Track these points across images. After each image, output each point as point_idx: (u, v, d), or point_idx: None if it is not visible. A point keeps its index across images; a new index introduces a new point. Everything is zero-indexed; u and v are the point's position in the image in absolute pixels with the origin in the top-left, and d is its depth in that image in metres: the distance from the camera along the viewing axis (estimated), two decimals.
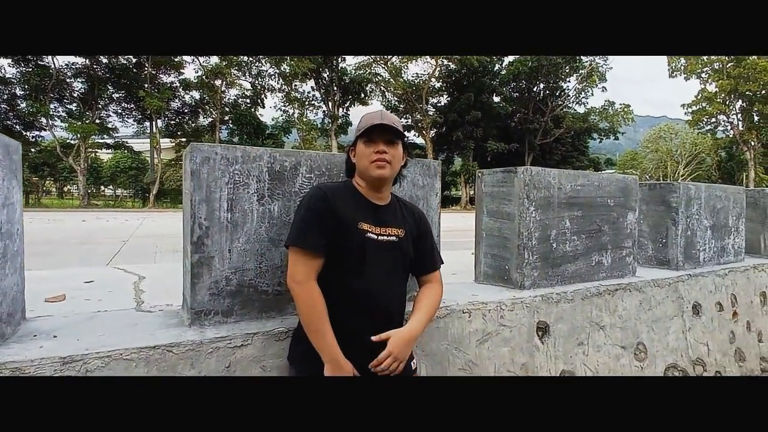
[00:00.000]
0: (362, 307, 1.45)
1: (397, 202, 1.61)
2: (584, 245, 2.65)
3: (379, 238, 1.48)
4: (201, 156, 1.66)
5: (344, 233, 1.43)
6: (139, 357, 1.47)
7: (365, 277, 1.45)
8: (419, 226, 1.62)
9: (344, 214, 1.44)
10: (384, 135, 1.47)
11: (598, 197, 2.71)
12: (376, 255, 1.47)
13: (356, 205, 1.49)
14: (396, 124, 1.49)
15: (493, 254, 2.53)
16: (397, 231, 1.53)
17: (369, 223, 1.47)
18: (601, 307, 2.64)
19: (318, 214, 1.42)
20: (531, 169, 2.38)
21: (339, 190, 1.50)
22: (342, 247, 1.43)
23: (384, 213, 1.53)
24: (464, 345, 2.06)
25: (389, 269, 1.50)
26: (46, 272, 3.13)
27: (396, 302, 1.54)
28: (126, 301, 2.25)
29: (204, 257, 1.66)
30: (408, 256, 1.56)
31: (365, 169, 1.48)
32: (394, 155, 1.49)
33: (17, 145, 1.72)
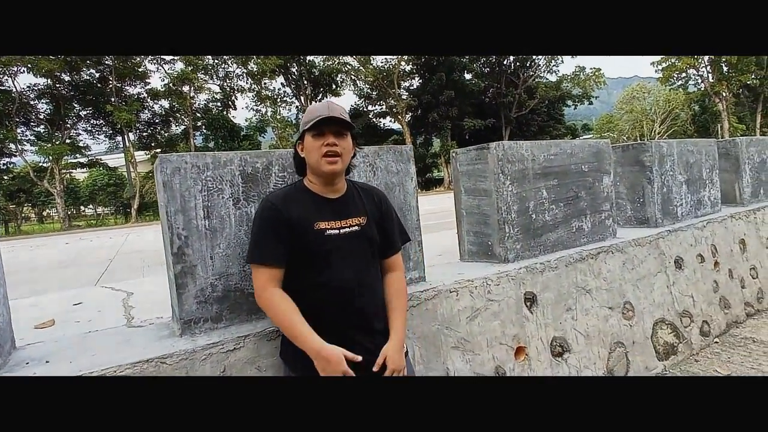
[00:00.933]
0: (340, 302, 1.47)
1: (354, 189, 1.61)
2: (563, 213, 2.71)
3: (342, 231, 1.49)
4: (171, 167, 1.65)
5: (302, 237, 1.45)
6: (133, 372, 1.48)
7: (336, 273, 1.47)
8: (380, 207, 1.62)
9: (298, 219, 1.45)
10: (333, 127, 1.46)
11: (572, 164, 2.76)
12: (342, 249, 1.48)
13: (310, 205, 1.49)
14: (344, 115, 1.48)
15: (475, 231, 2.57)
16: (358, 219, 1.53)
17: (327, 220, 1.48)
18: (586, 272, 2.70)
19: (270, 225, 1.45)
20: (503, 144, 2.42)
21: (289, 196, 1.51)
22: (304, 250, 1.45)
23: (341, 205, 1.53)
24: (455, 323, 2.11)
25: (358, 259, 1.51)
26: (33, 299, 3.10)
27: (371, 290, 1.55)
28: (116, 318, 2.25)
29: (186, 267, 1.66)
30: (374, 241, 1.56)
31: (316, 164, 1.47)
32: (345, 147, 1.49)
33: None
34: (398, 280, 1.64)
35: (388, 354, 1.51)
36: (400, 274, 1.66)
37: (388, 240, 1.63)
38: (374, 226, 1.57)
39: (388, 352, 1.51)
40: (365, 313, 1.51)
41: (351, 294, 1.48)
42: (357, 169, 1.99)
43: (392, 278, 1.64)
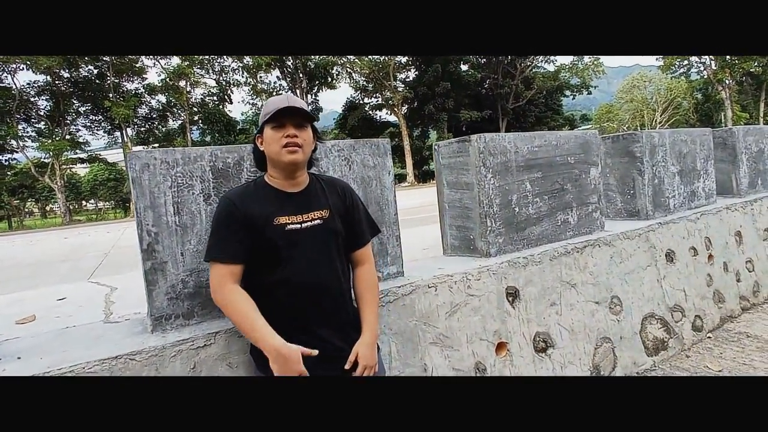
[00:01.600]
0: (304, 298, 1.45)
1: (317, 182, 1.58)
2: (548, 206, 2.68)
3: (303, 226, 1.47)
4: (140, 163, 1.63)
5: (261, 233, 1.43)
6: (102, 368, 1.48)
7: (297, 268, 1.45)
8: (344, 200, 1.60)
9: (256, 215, 1.44)
10: (293, 118, 1.44)
11: (558, 156, 2.73)
12: (304, 243, 1.46)
13: (270, 200, 1.48)
14: (304, 106, 1.47)
15: (458, 225, 2.55)
16: (321, 213, 1.51)
17: (287, 215, 1.46)
18: (571, 266, 2.68)
19: (227, 223, 1.44)
20: (485, 136, 2.39)
21: (248, 192, 1.49)
22: (264, 247, 1.43)
23: (303, 199, 1.51)
24: (433, 319, 2.09)
25: (321, 253, 1.49)
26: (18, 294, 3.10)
27: (336, 284, 1.53)
28: (96, 314, 2.24)
29: (157, 263, 1.65)
30: (339, 234, 1.54)
31: (276, 156, 1.45)
32: (305, 139, 1.46)
33: None
34: (368, 274, 1.62)
35: (360, 351, 1.50)
36: (369, 267, 1.64)
37: (355, 233, 1.60)
38: (338, 219, 1.54)
39: (359, 348, 1.51)
40: (331, 309, 1.49)
41: (315, 289, 1.46)
42: (332, 164, 1.97)
43: (361, 272, 1.62)
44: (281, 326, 1.44)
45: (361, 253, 1.63)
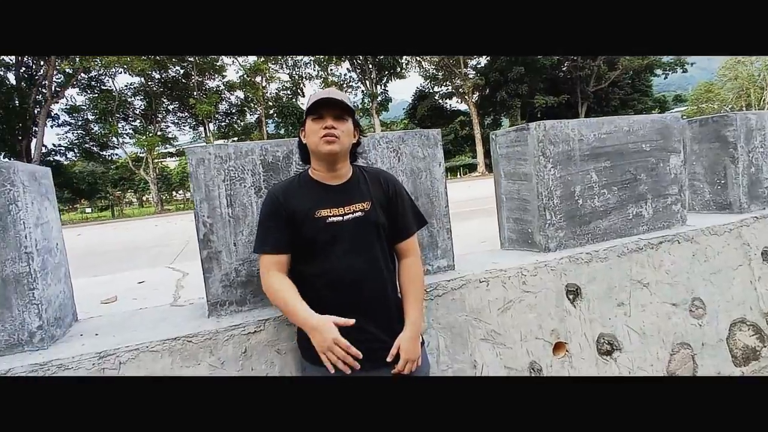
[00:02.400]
0: (344, 290, 1.46)
1: (360, 174, 1.58)
2: (617, 198, 2.48)
3: (345, 218, 1.48)
4: (196, 158, 1.73)
5: (302, 226, 1.46)
6: (163, 348, 1.60)
7: (339, 260, 1.46)
8: (387, 191, 1.57)
9: (298, 209, 1.47)
10: (332, 110, 1.45)
11: (630, 143, 2.51)
12: (345, 236, 1.47)
13: (311, 194, 1.50)
14: (344, 99, 1.47)
15: (515, 218, 2.44)
16: (362, 205, 1.51)
17: (329, 208, 1.48)
18: (643, 263, 2.46)
19: (271, 217, 1.49)
20: (545, 124, 2.25)
21: (292, 186, 1.53)
22: (305, 239, 1.46)
23: (344, 192, 1.52)
24: (485, 315, 2.02)
25: (362, 245, 1.49)
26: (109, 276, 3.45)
27: (378, 276, 1.52)
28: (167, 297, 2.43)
29: (212, 252, 1.74)
30: (380, 225, 1.53)
31: (315, 147, 1.46)
32: (344, 130, 1.46)
33: (45, 171, 1.89)
34: (412, 266, 1.60)
35: (402, 344, 1.49)
36: (414, 260, 1.61)
37: (399, 224, 1.58)
38: (380, 211, 1.53)
39: (401, 341, 1.50)
40: (371, 301, 1.49)
41: (355, 282, 1.47)
42: (380, 155, 1.96)
43: (406, 264, 1.60)
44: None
45: (406, 245, 1.61)
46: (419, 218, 1.66)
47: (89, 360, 1.53)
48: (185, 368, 1.61)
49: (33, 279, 1.58)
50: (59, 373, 1.50)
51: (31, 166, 1.76)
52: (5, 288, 1.56)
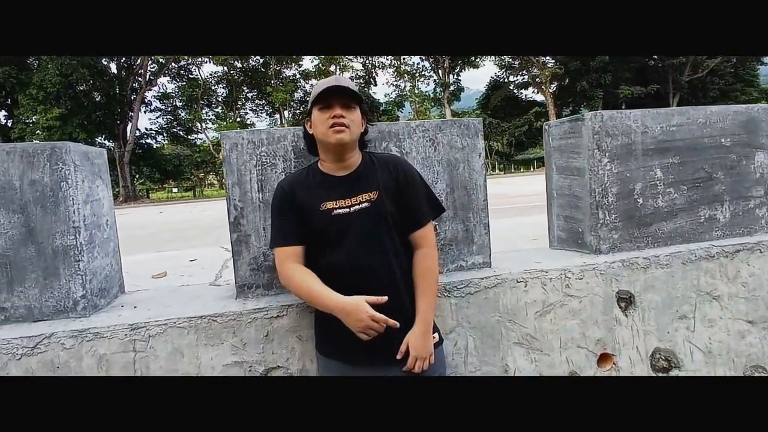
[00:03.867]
0: (349, 283, 1.41)
1: (371, 161, 1.51)
2: (686, 198, 2.20)
3: (352, 210, 1.42)
4: (230, 143, 1.76)
5: (309, 218, 1.43)
6: (189, 325, 1.65)
7: (344, 253, 1.42)
8: (396, 178, 1.48)
9: (305, 201, 1.44)
10: (339, 99, 1.39)
11: (706, 137, 2.21)
12: (352, 227, 1.42)
13: (319, 186, 1.46)
14: (352, 86, 1.40)
15: (565, 216, 2.25)
16: (368, 195, 1.44)
17: (335, 199, 1.43)
18: (714, 273, 2.18)
19: (279, 211, 1.48)
20: (602, 114, 2.04)
21: (300, 178, 1.51)
22: (313, 231, 1.44)
23: (351, 182, 1.46)
24: (520, 317, 1.89)
25: (370, 237, 1.43)
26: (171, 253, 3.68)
27: (386, 269, 1.45)
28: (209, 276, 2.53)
29: (241, 236, 1.77)
30: (388, 215, 1.45)
31: (323, 137, 1.41)
32: (353, 119, 1.40)
33: (99, 152, 2.02)
34: (425, 258, 1.50)
35: (411, 341, 1.42)
36: (427, 251, 1.50)
37: (410, 213, 1.49)
38: (389, 200, 1.45)
39: (410, 338, 1.43)
40: (379, 288, 1.41)
41: (363, 273, 1.41)
42: (415, 144, 1.88)
43: (418, 256, 1.50)
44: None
45: (419, 235, 1.51)
46: (435, 206, 1.57)
47: (122, 330, 1.62)
48: (209, 346, 1.66)
49: (79, 251, 1.70)
50: (95, 341, 1.61)
51: (85, 147, 1.88)
52: (55, 258, 1.69)
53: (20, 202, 1.69)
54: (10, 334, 1.60)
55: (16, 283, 1.69)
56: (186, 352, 1.65)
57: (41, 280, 1.71)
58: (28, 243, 1.70)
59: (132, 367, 1.64)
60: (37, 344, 1.59)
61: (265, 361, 1.69)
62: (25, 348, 1.58)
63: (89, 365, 1.61)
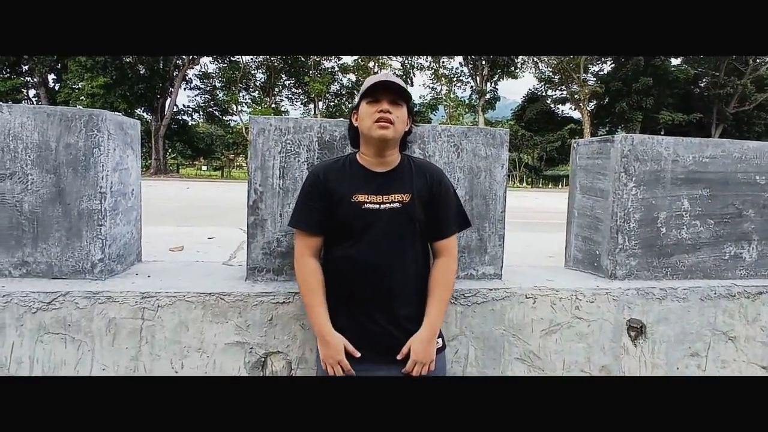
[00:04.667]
0: (366, 277, 1.42)
1: (408, 163, 1.51)
2: (712, 233, 2.14)
3: (381, 207, 1.42)
4: (257, 127, 1.79)
5: (338, 207, 1.43)
6: (198, 300, 1.70)
7: (366, 248, 1.42)
8: (431, 186, 1.49)
9: (338, 189, 1.44)
10: (388, 95, 1.39)
11: (739, 173, 2.14)
12: (379, 225, 1.42)
13: (353, 177, 1.46)
14: (401, 83, 1.41)
15: (584, 236, 2.21)
16: (401, 196, 1.44)
17: (367, 193, 1.43)
18: (733, 313, 2.11)
19: (310, 195, 1.48)
20: (632, 137, 1.99)
21: (335, 167, 1.50)
22: (340, 221, 1.44)
23: (386, 180, 1.46)
24: (525, 333, 1.87)
25: (393, 237, 1.43)
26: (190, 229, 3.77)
27: (403, 271, 1.45)
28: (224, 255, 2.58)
29: (258, 220, 1.80)
30: (416, 220, 1.45)
31: (367, 130, 1.41)
32: (399, 116, 1.41)
33: (133, 123, 2.08)
34: (445, 268, 1.51)
35: (413, 345, 1.42)
36: (447, 261, 1.51)
37: (438, 222, 1.50)
38: (419, 206, 1.46)
39: (413, 342, 1.43)
40: (390, 294, 1.43)
41: (378, 271, 1.42)
42: (439, 149, 1.88)
43: (438, 264, 1.52)
44: (342, 301, 1.45)
45: (442, 244, 1.52)
46: (462, 219, 1.57)
47: (133, 297, 1.67)
48: (214, 323, 1.70)
49: (102, 216, 1.76)
50: (107, 304, 1.66)
51: (120, 117, 1.94)
52: (79, 220, 1.76)
53: (54, 163, 1.77)
54: (29, 287, 1.67)
55: (41, 239, 1.77)
56: (191, 326, 1.70)
57: (64, 240, 1.78)
58: (56, 203, 1.77)
59: (138, 334, 1.69)
60: (53, 300, 1.66)
61: (266, 344, 1.72)
62: (42, 303, 1.65)
63: (98, 327, 1.67)
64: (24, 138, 1.75)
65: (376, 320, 1.42)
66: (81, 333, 1.66)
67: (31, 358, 1.66)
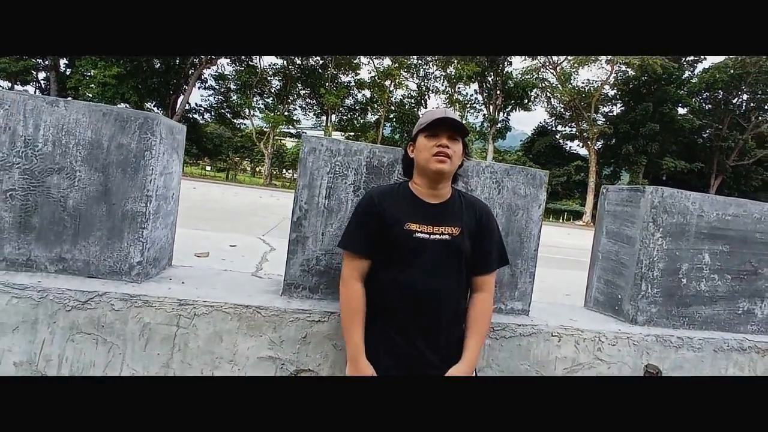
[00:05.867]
0: (412, 306, 1.47)
1: (459, 198, 1.58)
2: (728, 287, 2.20)
3: (432, 237, 1.48)
4: (309, 146, 1.85)
5: (390, 233, 1.48)
6: (234, 312, 1.73)
7: (414, 276, 1.47)
8: (479, 222, 1.55)
9: (392, 216, 1.49)
10: (447, 130, 1.47)
11: (758, 233, 2.21)
12: (427, 254, 1.47)
13: (407, 205, 1.52)
14: (459, 120, 1.48)
15: (607, 280, 2.27)
16: (451, 229, 1.50)
17: (419, 223, 1.48)
18: (744, 366, 2.16)
19: (363, 218, 1.53)
20: (663, 190, 2.07)
21: (391, 192, 1.56)
22: (390, 246, 1.49)
23: (438, 211, 1.52)
24: (548, 370, 1.91)
25: (441, 267, 1.48)
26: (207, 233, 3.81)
27: (447, 302, 1.50)
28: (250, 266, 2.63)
29: (300, 236, 1.86)
30: (464, 254, 1.51)
31: (425, 163, 1.48)
32: (455, 151, 1.48)
33: (181, 127, 2.14)
34: (484, 302, 1.57)
35: (453, 377, 1.47)
36: (487, 296, 1.58)
37: (482, 258, 1.56)
38: (467, 240, 1.52)
39: (454, 374, 1.47)
40: (434, 323, 1.48)
41: (425, 301, 1.47)
42: (481, 184, 1.95)
43: (478, 299, 1.57)
44: (384, 325, 1.50)
45: (484, 279, 1.59)
46: (503, 257, 1.63)
47: (170, 303, 1.70)
48: (248, 336, 1.73)
49: (146, 219, 1.79)
50: (143, 308, 1.68)
51: (171, 121, 2.00)
52: (122, 221, 1.78)
53: (104, 162, 1.78)
54: (65, 284, 1.67)
55: (81, 237, 1.77)
56: (225, 337, 1.72)
57: (104, 239, 1.79)
58: (101, 202, 1.78)
59: (172, 341, 1.70)
60: (89, 299, 1.66)
61: (297, 361, 1.76)
62: (77, 302, 1.65)
63: (132, 330, 1.68)
64: (77, 134, 1.76)
65: (415, 344, 1.46)
66: (114, 335, 1.67)
67: (60, 356, 1.65)
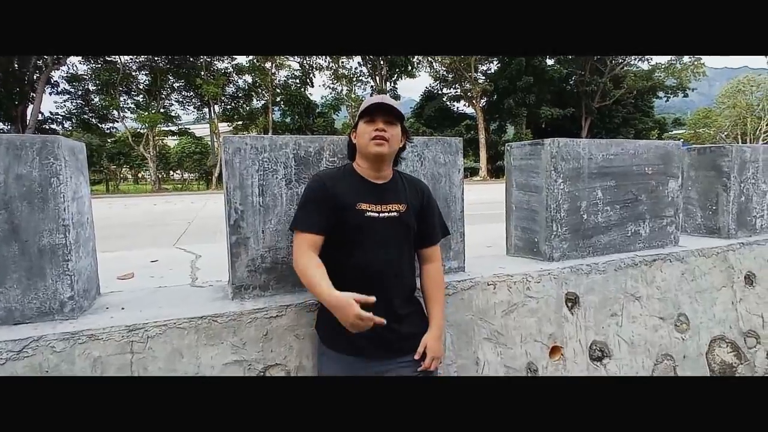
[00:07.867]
0: (367, 283, 1.55)
1: (400, 179, 1.70)
2: (618, 215, 2.61)
3: (381, 215, 1.59)
4: (233, 147, 1.82)
5: (343, 214, 1.56)
6: (189, 326, 1.69)
7: (369, 252, 1.57)
8: (422, 200, 1.70)
9: (342, 197, 1.57)
10: (384, 115, 1.56)
11: (634, 166, 2.64)
12: (378, 231, 1.58)
13: (355, 186, 1.60)
14: (396, 106, 1.59)
15: (523, 227, 2.56)
16: (398, 206, 1.62)
17: (368, 202, 1.58)
18: (637, 278, 2.60)
19: (314, 197, 1.58)
20: (558, 141, 2.37)
21: (337, 175, 1.64)
22: (343, 227, 1.57)
23: (384, 190, 1.63)
24: (489, 316, 2.15)
25: (392, 243, 1.60)
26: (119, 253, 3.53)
27: (400, 276, 1.64)
28: (183, 277, 2.53)
29: (240, 238, 1.84)
30: (411, 228, 1.65)
31: (365, 147, 1.57)
32: (393, 134, 1.58)
33: (81, 146, 1.96)
34: (436, 271, 1.73)
35: (428, 343, 1.62)
36: (437, 266, 1.74)
37: (427, 231, 1.71)
38: (413, 216, 1.65)
39: (427, 341, 1.63)
40: (390, 297, 1.59)
41: (379, 276, 1.58)
42: (405, 159, 2.07)
43: (430, 269, 1.73)
44: None
45: (431, 251, 1.74)
46: (444, 229, 1.81)
47: (119, 332, 1.60)
48: (209, 346, 1.71)
49: (68, 251, 1.65)
50: (89, 343, 1.58)
51: (70, 141, 1.83)
52: (41, 258, 1.62)
53: (4, 198, 1.59)
54: None
55: None
56: (186, 352, 1.68)
57: (24, 281, 1.62)
58: (10, 241, 1.60)
59: (129, 368, 1.62)
60: (24, 348, 1.52)
61: (264, 359, 1.78)
62: (11, 352, 1.50)
63: (82, 368, 1.57)
64: None
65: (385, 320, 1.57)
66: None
67: None
